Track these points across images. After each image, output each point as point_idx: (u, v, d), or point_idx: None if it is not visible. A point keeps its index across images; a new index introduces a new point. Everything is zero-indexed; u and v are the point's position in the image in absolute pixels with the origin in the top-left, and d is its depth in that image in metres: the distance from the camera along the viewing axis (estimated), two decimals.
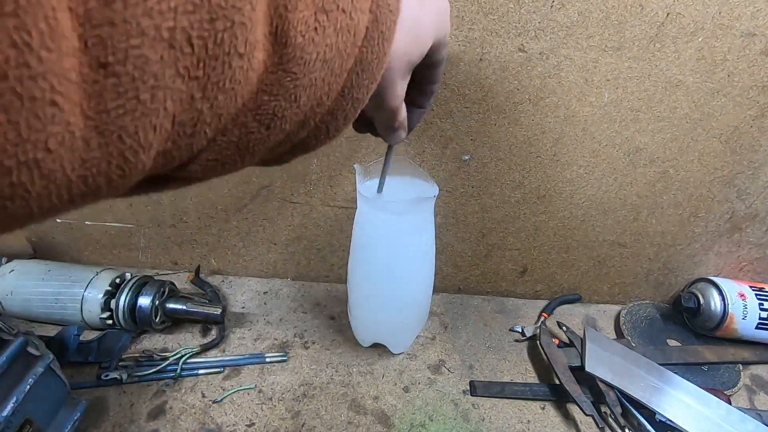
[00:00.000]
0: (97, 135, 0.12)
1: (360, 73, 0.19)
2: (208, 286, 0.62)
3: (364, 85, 0.19)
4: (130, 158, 0.13)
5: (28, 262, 0.56)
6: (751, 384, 0.58)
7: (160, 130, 0.13)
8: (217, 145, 0.16)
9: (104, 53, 0.11)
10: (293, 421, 0.47)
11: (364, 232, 0.48)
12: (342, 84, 0.18)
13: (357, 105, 0.20)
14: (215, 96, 0.14)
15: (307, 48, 0.16)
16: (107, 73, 0.11)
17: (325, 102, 0.18)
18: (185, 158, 0.16)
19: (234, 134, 0.16)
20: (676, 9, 0.44)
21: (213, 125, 0.15)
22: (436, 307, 0.65)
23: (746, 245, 0.64)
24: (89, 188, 0.13)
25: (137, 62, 0.11)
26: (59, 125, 0.11)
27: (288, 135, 0.18)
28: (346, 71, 0.18)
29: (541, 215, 0.60)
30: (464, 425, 0.49)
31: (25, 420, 0.37)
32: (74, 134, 0.11)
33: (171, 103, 0.13)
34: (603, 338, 0.56)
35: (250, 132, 0.17)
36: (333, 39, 0.16)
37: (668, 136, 0.53)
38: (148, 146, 0.13)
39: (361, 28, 0.18)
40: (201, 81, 0.13)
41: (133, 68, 0.11)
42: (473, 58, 0.47)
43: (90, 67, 0.11)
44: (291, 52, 0.15)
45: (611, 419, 0.49)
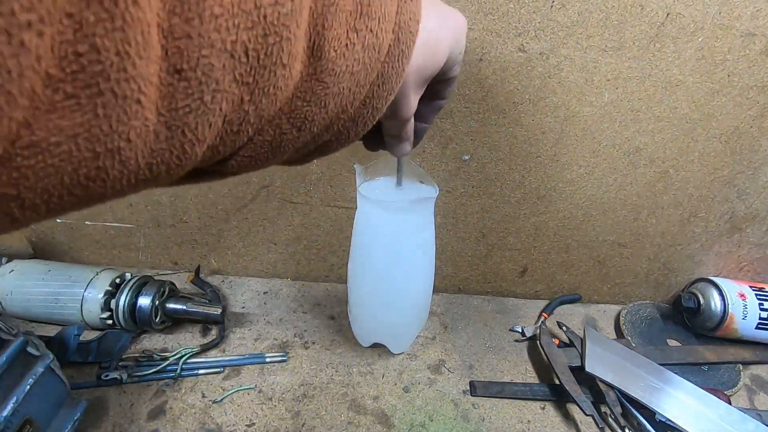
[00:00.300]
0: (166, 129, 0.14)
1: (381, 86, 0.21)
2: (208, 286, 0.62)
3: (383, 96, 0.22)
4: (188, 150, 0.15)
5: (28, 262, 0.56)
6: (751, 384, 0.58)
7: (214, 127, 0.15)
8: (254, 143, 0.18)
9: (180, 61, 0.13)
10: (293, 421, 0.47)
11: (364, 232, 0.48)
12: (365, 94, 0.21)
13: (375, 114, 0.22)
14: (260, 99, 0.16)
15: (338, 61, 0.18)
16: (181, 78, 0.13)
17: (349, 109, 0.20)
18: (227, 153, 0.18)
19: (269, 134, 0.18)
20: (676, 9, 0.44)
21: (254, 125, 0.17)
22: (436, 307, 0.65)
23: (746, 245, 0.64)
24: (152, 174, 0.15)
25: (205, 69, 0.14)
26: (139, 120, 0.13)
27: (314, 137, 0.21)
28: (369, 83, 0.20)
29: (541, 215, 0.60)
30: (464, 425, 0.49)
31: (25, 420, 0.37)
32: (149, 128, 0.13)
33: (225, 104, 0.15)
34: (603, 338, 0.56)
35: (283, 133, 0.19)
36: (360, 54, 0.19)
37: (668, 136, 0.53)
38: (203, 140, 0.15)
39: (385, 46, 0.20)
40: (250, 86, 0.15)
41: (202, 74, 0.14)
42: (473, 58, 0.47)
43: (168, 72, 0.13)
44: (324, 64, 0.18)
45: (611, 419, 0.49)
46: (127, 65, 0.11)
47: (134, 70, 0.12)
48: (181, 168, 0.15)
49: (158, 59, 0.12)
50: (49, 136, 0.11)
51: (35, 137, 0.11)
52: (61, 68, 0.11)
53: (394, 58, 0.21)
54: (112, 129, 0.12)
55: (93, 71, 0.11)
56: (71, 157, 0.12)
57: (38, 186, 0.12)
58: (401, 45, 0.21)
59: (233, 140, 0.17)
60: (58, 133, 0.11)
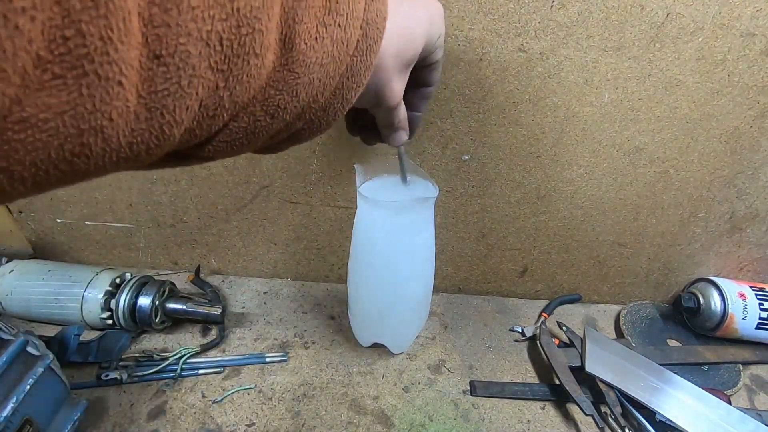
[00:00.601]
0: (146, 110, 0.15)
1: (350, 78, 0.22)
2: (208, 286, 0.62)
3: (353, 87, 0.23)
4: (166, 131, 0.16)
5: (28, 262, 0.56)
6: (751, 384, 0.58)
7: (190, 111, 0.16)
8: (230, 129, 0.19)
9: (159, 47, 0.14)
10: (293, 421, 0.47)
11: (364, 232, 0.48)
12: (335, 85, 0.22)
13: (345, 104, 0.24)
14: (234, 86, 0.17)
15: (309, 53, 0.19)
16: (159, 63, 0.14)
17: (319, 99, 0.22)
18: (203, 137, 0.19)
19: (244, 121, 0.19)
20: (676, 9, 0.44)
21: (229, 111, 0.18)
22: (436, 307, 0.65)
23: (746, 245, 0.64)
24: (132, 153, 0.16)
25: (182, 56, 0.15)
26: (121, 101, 0.14)
27: (287, 125, 0.22)
28: (338, 75, 0.22)
29: (541, 215, 0.60)
30: (464, 425, 0.49)
31: (25, 420, 0.37)
32: (129, 108, 0.14)
33: (201, 89, 0.16)
34: (603, 338, 0.56)
35: (257, 120, 0.20)
36: (329, 48, 0.20)
37: (668, 136, 0.53)
38: (181, 122, 0.16)
39: (353, 41, 0.21)
40: (225, 73, 0.16)
41: (179, 60, 0.15)
42: (473, 58, 0.47)
43: (147, 58, 0.14)
44: (295, 56, 0.19)
45: (611, 419, 0.49)
46: (109, 49, 0.12)
47: (116, 54, 0.13)
48: (160, 148, 0.16)
49: (139, 45, 0.13)
50: (38, 112, 0.12)
51: (25, 113, 0.12)
52: (50, 50, 0.12)
53: (362, 53, 0.22)
54: (96, 108, 0.13)
55: (78, 54, 0.12)
56: (58, 133, 0.13)
57: (27, 159, 0.13)
58: (369, 40, 0.22)
59: (209, 124, 0.18)
60: (47, 110, 0.12)
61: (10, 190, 0.13)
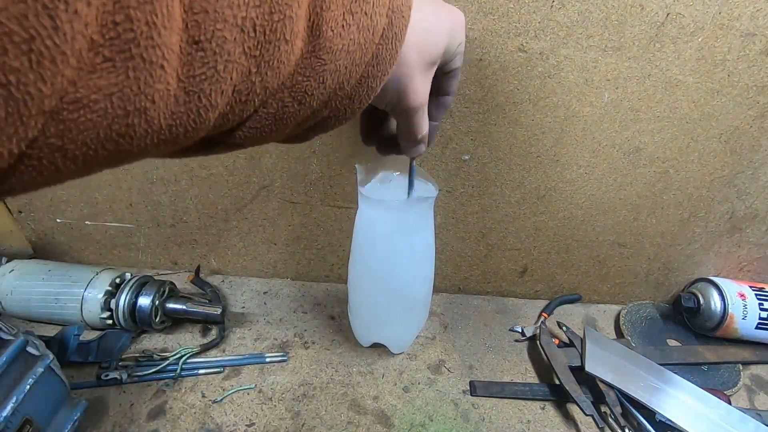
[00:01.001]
0: (184, 94, 0.15)
1: (376, 66, 0.23)
2: (208, 286, 0.62)
3: (378, 76, 0.23)
4: (202, 114, 0.16)
5: (28, 262, 0.56)
6: (751, 384, 0.58)
7: (225, 95, 0.17)
8: (259, 115, 0.20)
9: (198, 33, 0.15)
10: (293, 421, 0.47)
11: (364, 232, 0.48)
12: (360, 73, 0.22)
13: (371, 93, 0.24)
14: (265, 72, 0.18)
15: (335, 40, 0.20)
16: (198, 48, 0.15)
17: (345, 87, 0.22)
18: (235, 123, 0.19)
19: (273, 107, 0.20)
20: (676, 9, 0.44)
21: (260, 96, 0.19)
22: (436, 307, 0.65)
23: (746, 245, 0.64)
24: (171, 135, 0.16)
25: (219, 41, 0.15)
26: (162, 84, 0.14)
27: (314, 112, 0.22)
28: (364, 63, 0.22)
29: (541, 215, 0.60)
30: (464, 425, 0.49)
31: (25, 420, 0.37)
32: (170, 92, 0.15)
33: (235, 74, 0.17)
34: (603, 338, 0.56)
35: (285, 106, 0.20)
36: (356, 35, 0.20)
37: (668, 136, 0.53)
38: (216, 106, 0.17)
39: (379, 29, 0.22)
40: (257, 59, 0.17)
41: (216, 45, 0.15)
42: (473, 58, 0.47)
43: (187, 43, 0.15)
44: (322, 43, 0.19)
45: (611, 419, 0.49)
46: (153, 34, 0.13)
47: (159, 39, 0.13)
48: (196, 132, 0.17)
49: (179, 31, 0.14)
50: (90, 93, 0.13)
51: (79, 94, 0.13)
52: (102, 34, 0.12)
53: (388, 41, 0.22)
54: (140, 90, 0.14)
55: (126, 38, 0.13)
56: (107, 113, 0.14)
57: (79, 138, 0.14)
58: (394, 28, 0.22)
59: (241, 109, 0.18)
60: (97, 92, 0.13)
61: (63, 168, 0.14)
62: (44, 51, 0.11)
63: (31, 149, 0.13)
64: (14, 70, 0.11)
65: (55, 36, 0.11)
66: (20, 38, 0.10)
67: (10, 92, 0.11)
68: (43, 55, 0.11)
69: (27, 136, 0.12)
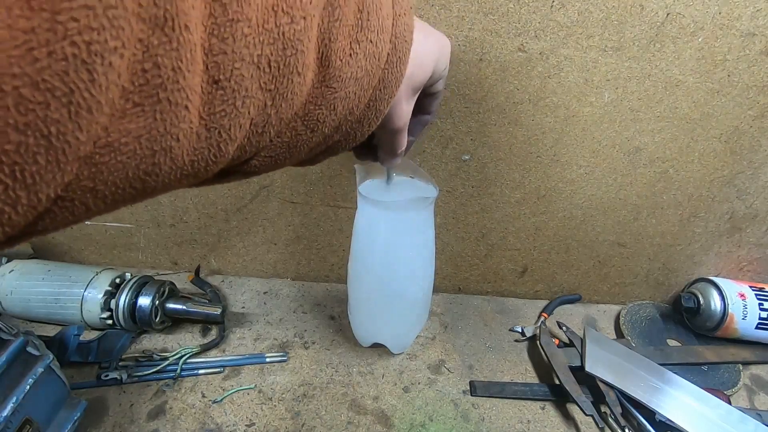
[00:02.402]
0: (206, 130, 0.16)
1: (383, 89, 0.24)
2: (208, 286, 0.62)
3: (385, 99, 0.24)
4: (222, 148, 0.17)
5: (28, 262, 0.56)
6: (751, 384, 0.58)
7: (243, 129, 0.18)
8: (274, 144, 0.21)
9: (218, 73, 0.15)
10: (293, 421, 0.47)
11: (364, 232, 0.48)
12: (368, 98, 0.23)
13: (378, 115, 0.25)
14: (280, 104, 0.18)
15: (344, 69, 0.20)
16: (218, 87, 0.16)
17: (355, 111, 0.23)
18: (251, 154, 0.20)
19: (287, 136, 0.21)
20: (676, 9, 0.44)
21: (275, 127, 0.19)
22: (436, 307, 0.65)
23: (746, 245, 0.64)
24: (193, 170, 0.17)
25: (237, 79, 0.16)
26: (186, 123, 0.15)
27: (325, 138, 0.23)
28: (372, 87, 0.23)
29: (541, 215, 0.60)
30: (464, 425, 0.49)
31: (25, 420, 0.37)
32: (192, 129, 0.15)
33: (253, 109, 0.17)
34: (603, 338, 0.56)
35: (298, 134, 0.21)
36: (363, 62, 0.21)
37: (668, 136, 0.53)
38: (235, 139, 0.17)
39: (384, 54, 0.23)
40: (272, 92, 0.18)
41: (235, 83, 0.16)
42: (473, 58, 0.47)
43: (208, 83, 0.15)
44: (332, 72, 0.20)
45: (611, 419, 0.49)
46: (179, 78, 0.14)
47: (184, 82, 0.14)
48: (216, 165, 0.18)
49: (201, 72, 0.15)
50: (120, 137, 0.13)
51: (110, 138, 0.13)
52: (132, 82, 0.13)
53: (393, 65, 0.23)
54: (167, 131, 0.14)
55: (155, 84, 0.13)
56: (135, 155, 0.14)
57: (109, 179, 0.14)
58: (398, 53, 0.23)
59: (258, 141, 0.19)
60: (127, 135, 0.14)
61: (93, 207, 0.15)
62: (82, 102, 0.12)
63: (65, 192, 0.13)
64: (55, 121, 0.11)
65: (92, 88, 0.12)
66: (61, 92, 0.11)
67: (50, 142, 0.12)
68: (80, 106, 0.12)
69: (63, 181, 0.13)
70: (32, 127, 0.11)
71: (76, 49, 0.11)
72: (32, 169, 0.12)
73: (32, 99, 0.11)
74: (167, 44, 0.13)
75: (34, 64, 0.10)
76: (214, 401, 0.49)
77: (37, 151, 0.11)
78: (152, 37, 0.13)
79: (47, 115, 0.11)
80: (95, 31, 0.11)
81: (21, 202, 0.12)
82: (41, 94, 0.11)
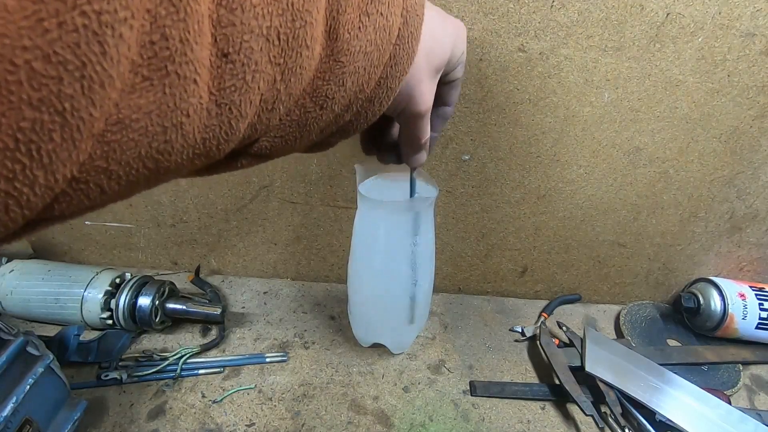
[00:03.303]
0: (216, 106, 0.16)
1: (394, 66, 0.23)
2: (208, 286, 0.62)
3: (397, 76, 0.23)
4: (233, 125, 0.17)
5: (28, 262, 0.56)
6: (751, 384, 0.58)
7: (253, 105, 0.17)
8: (283, 123, 0.20)
9: (227, 46, 0.15)
10: (293, 421, 0.47)
11: (364, 232, 0.48)
12: (379, 74, 0.22)
13: (390, 93, 0.24)
14: (289, 78, 0.18)
15: (353, 42, 0.20)
16: (227, 60, 0.15)
17: (365, 89, 0.22)
18: (261, 132, 0.20)
19: (296, 114, 0.20)
20: (676, 9, 0.44)
21: (285, 104, 0.19)
22: (436, 307, 0.65)
23: (746, 245, 0.64)
24: (205, 149, 0.17)
25: (246, 52, 0.15)
26: (195, 98, 0.15)
27: (336, 117, 0.23)
28: (383, 64, 0.22)
29: (541, 215, 0.60)
30: (464, 425, 0.49)
31: (24, 420, 0.37)
32: (202, 105, 0.15)
33: (262, 83, 0.17)
34: (603, 338, 0.56)
35: (308, 111, 0.21)
36: (372, 36, 0.21)
37: (668, 136, 0.53)
38: (246, 116, 0.17)
39: (395, 28, 0.22)
40: (281, 66, 0.17)
41: (244, 56, 0.15)
42: (473, 58, 0.47)
43: (216, 56, 0.15)
44: (340, 46, 0.20)
45: (611, 419, 0.49)
46: (187, 50, 0.14)
47: (192, 54, 0.14)
48: (228, 143, 0.17)
49: (209, 45, 0.14)
50: (131, 113, 0.13)
51: (121, 115, 0.13)
52: (141, 55, 0.13)
53: (404, 40, 0.23)
54: (176, 105, 0.14)
55: (163, 56, 0.13)
56: (146, 131, 0.14)
57: (122, 158, 0.14)
58: (410, 27, 0.23)
59: (268, 118, 0.19)
60: (137, 111, 0.13)
61: (108, 190, 0.14)
62: (94, 76, 0.11)
63: (80, 173, 0.13)
64: (68, 96, 0.11)
65: (104, 61, 0.11)
66: (74, 66, 0.11)
67: (65, 119, 0.11)
68: (93, 80, 0.11)
69: (78, 160, 0.13)
70: (46, 102, 0.11)
71: (86, 20, 0.11)
72: (48, 147, 0.11)
73: (45, 73, 0.10)
74: (174, 14, 0.13)
75: (44, 36, 0.10)
76: (214, 401, 0.49)
77: (52, 129, 0.11)
78: (159, 6, 0.12)
79: (60, 90, 0.11)
80: (105, 0, 0.11)
81: (38, 182, 0.12)
82: (54, 68, 0.10)
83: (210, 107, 0.15)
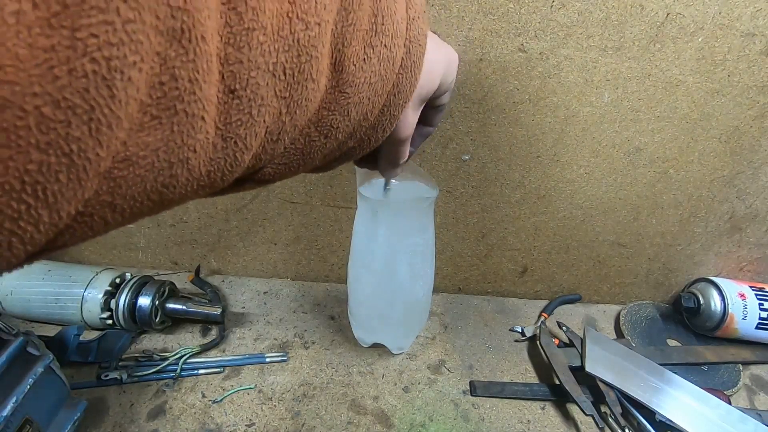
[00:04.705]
0: (222, 140, 0.16)
1: (396, 95, 0.23)
2: (208, 286, 0.62)
3: (399, 104, 0.24)
4: (238, 158, 0.17)
5: None
6: (751, 384, 0.58)
7: (258, 137, 0.17)
8: (288, 151, 0.21)
9: (234, 83, 0.15)
10: (293, 421, 0.47)
11: (364, 232, 0.48)
12: (383, 103, 0.23)
13: (393, 120, 0.25)
14: (294, 111, 0.18)
15: (358, 74, 0.20)
16: (234, 96, 0.15)
17: (369, 117, 0.23)
18: (266, 162, 0.20)
19: (300, 143, 0.21)
20: (676, 9, 0.44)
21: (290, 134, 0.19)
22: (436, 307, 0.65)
23: (746, 245, 0.64)
24: (210, 180, 0.17)
25: (253, 88, 0.16)
26: (202, 134, 0.15)
27: (339, 144, 0.23)
28: (386, 93, 0.23)
29: (541, 215, 0.60)
30: (464, 425, 0.49)
31: (25, 420, 0.37)
32: (209, 140, 0.15)
33: (268, 117, 0.17)
34: (603, 338, 0.56)
35: (312, 140, 0.21)
36: (377, 67, 0.21)
37: (668, 136, 0.53)
38: (250, 149, 0.17)
39: (398, 59, 0.22)
40: (287, 100, 0.17)
41: (250, 92, 0.16)
42: (473, 58, 0.47)
43: (224, 93, 0.15)
44: (346, 77, 0.20)
45: (611, 419, 0.49)
46: (195, 89, 0.14)
47: (200, 93, 0.14)
48: (232, 174, 0.18)
49: (217, 82, 0.15)
50: (138, 150, 0.13)
51: (129, 152, 0.13)
52: (150, 95, 0.13)
53: (407, 70, 0.23)
54: (183, 142, 0.14)
55: (172, 96, 0.13)
56: (153, 167, 0.14)
57: (128, 193, 0.14)
58: (412, 57, 0.23)
59: (272, 148, 0.19)
60: (145, 148, 0.13)
61: (111, 221, 0.15)
62: (102, 119, 0.12)
63: (85, 208, 0.13)
64: (76, 139, 0.11)
65: (112, 104, 0.12)
66: (82, 110, 0.11)
67: (71, 160, 0.11)
68: (101, 122, 0.12)
69: (84, 197, 0.13)
70: (54, 145, 0.11)
71: (96, 66, 0.11)
72: (54, 187, 0.11)
73: (53, 118, 0.11)
74: (184, 56, 0.13)
75: (54, 83, 0.10)
76: (214, 401, 0.49)
77: (58, 170, 0.11)
78: (169, 49, 0.13)
79: (68, 133, 0.11)
80: (115, 46, 0.11)
81: (43, 221, 0.12)
82: (62, 113, 0.11)
83: (216, 141, 0.16)
